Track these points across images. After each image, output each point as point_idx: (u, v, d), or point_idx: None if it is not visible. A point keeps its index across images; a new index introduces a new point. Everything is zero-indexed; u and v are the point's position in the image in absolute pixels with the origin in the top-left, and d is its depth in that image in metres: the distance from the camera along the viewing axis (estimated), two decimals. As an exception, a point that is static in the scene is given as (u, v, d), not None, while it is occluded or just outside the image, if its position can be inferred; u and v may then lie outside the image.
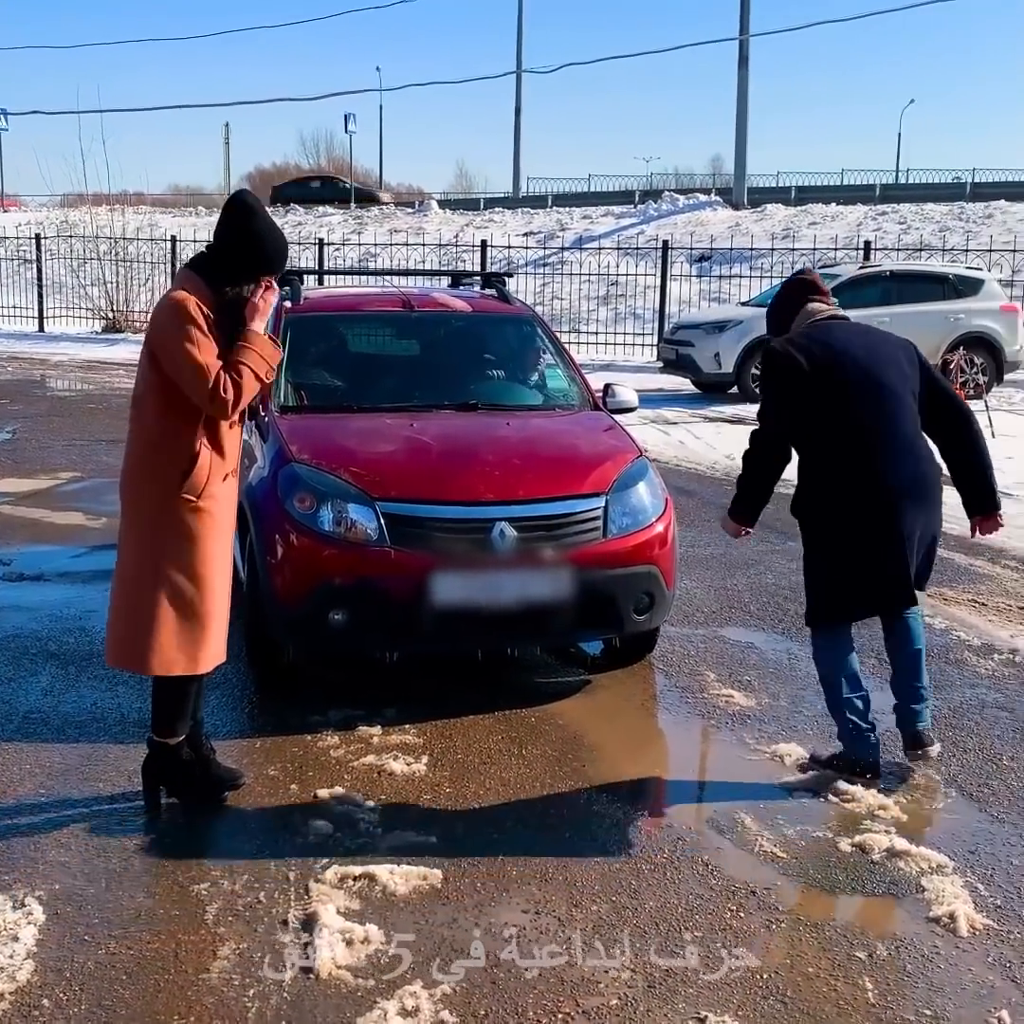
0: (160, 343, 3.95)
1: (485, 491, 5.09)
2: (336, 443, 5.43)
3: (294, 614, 5.01)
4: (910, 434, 4.43)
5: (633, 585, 5.17)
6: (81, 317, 24.95)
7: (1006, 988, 3.26)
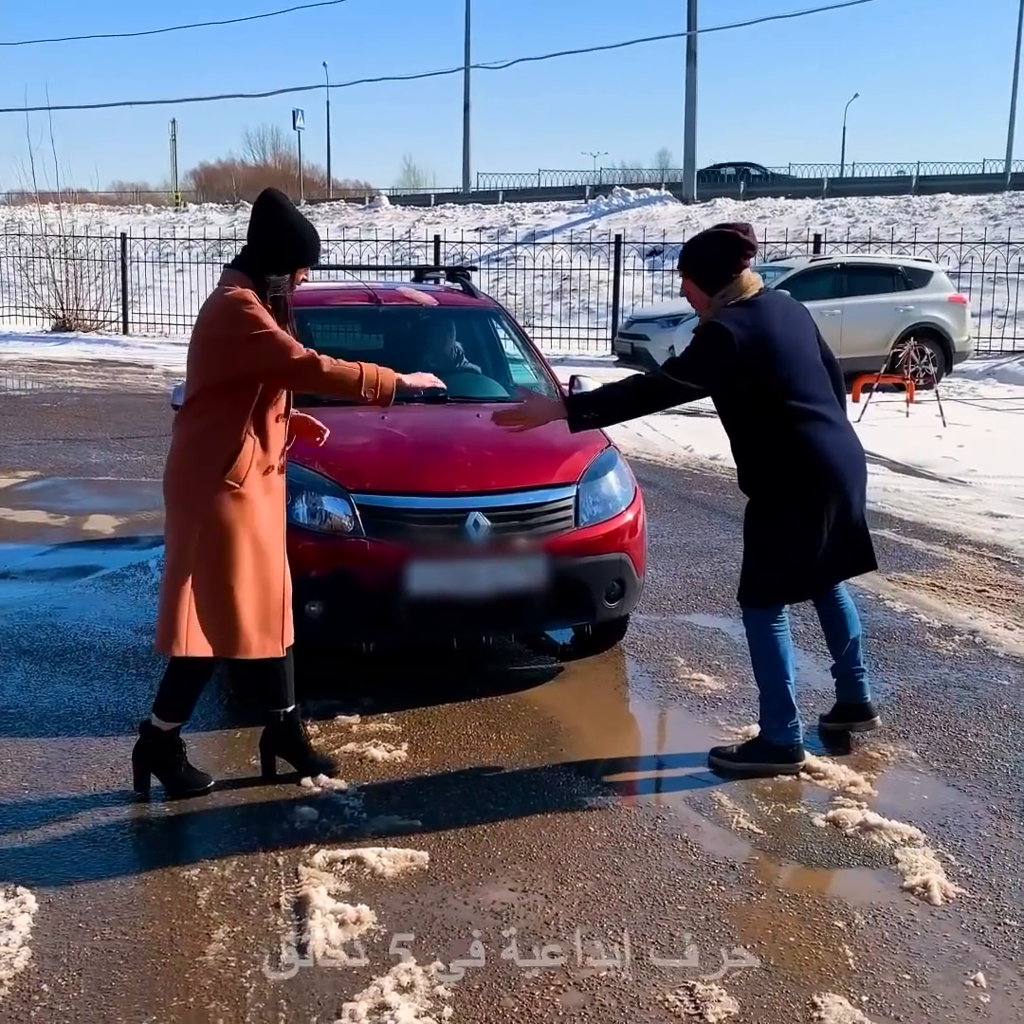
0: (227, 334, 3.99)
1: (459, 482, 5.16)
2: None
3: None
4: (835, 401, 4.57)
5: (604, 573, 5.26)
6: (31, 316, 24.71)
7: (980, 952, 3.37)
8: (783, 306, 4.58)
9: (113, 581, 7.06)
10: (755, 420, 4.46)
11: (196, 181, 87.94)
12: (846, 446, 4.51)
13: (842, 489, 4.43)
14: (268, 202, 4.17)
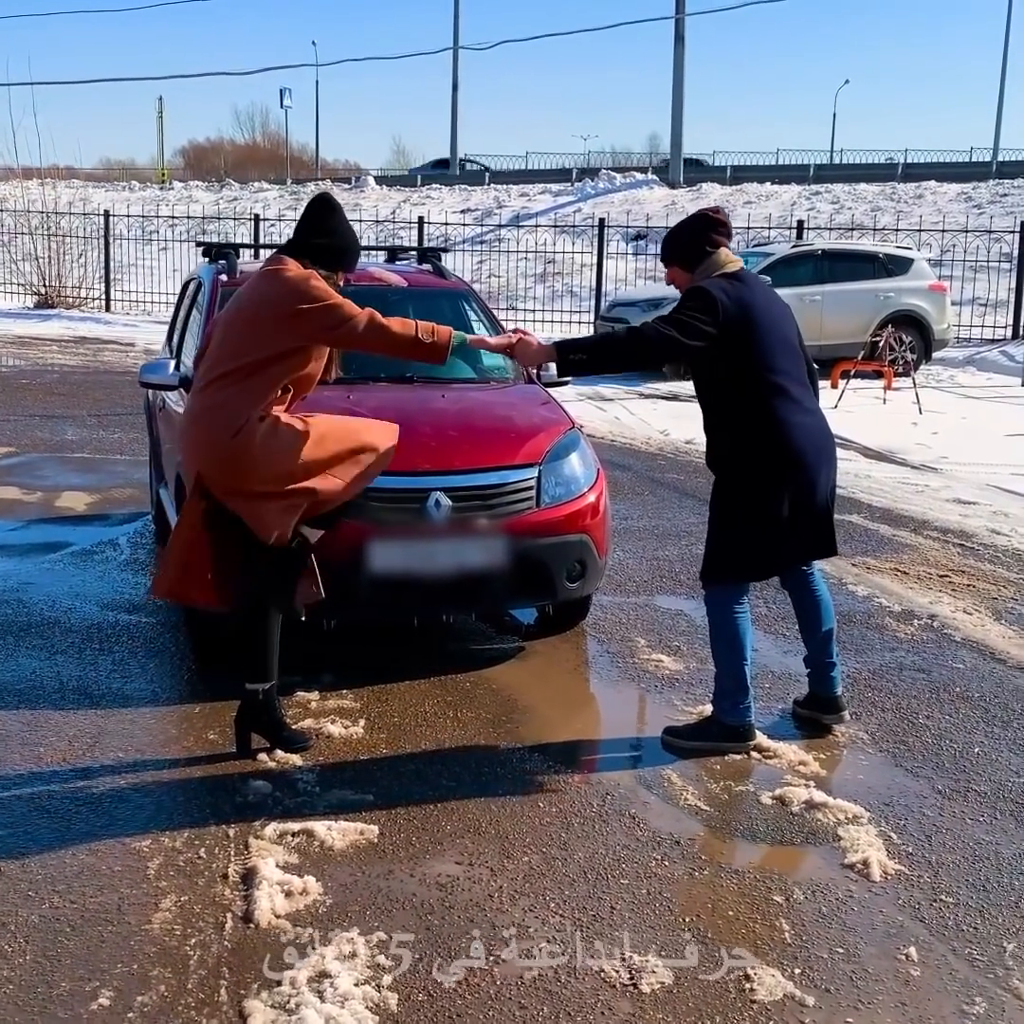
0: (300, 305, 4.18)
1: (421, 462, 5.19)
2: None
3: None
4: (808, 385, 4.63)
5: (565, 553, 5.30)
6: (13, 292, 24.61)
7: (914, 927, 3.44)
8: (764, 286, 4.66)
9: (82, 557, 7.09)
10: (729, 392, 4.49)
11: (185, 159, 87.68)
12: (815, 430, 4.55)
13: (807, 471, 4.47)
14: (325, 205, 4.47)
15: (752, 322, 4.40)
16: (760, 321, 4.43)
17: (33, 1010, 3.00)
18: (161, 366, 6.29)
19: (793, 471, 4.45)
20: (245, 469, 4.21)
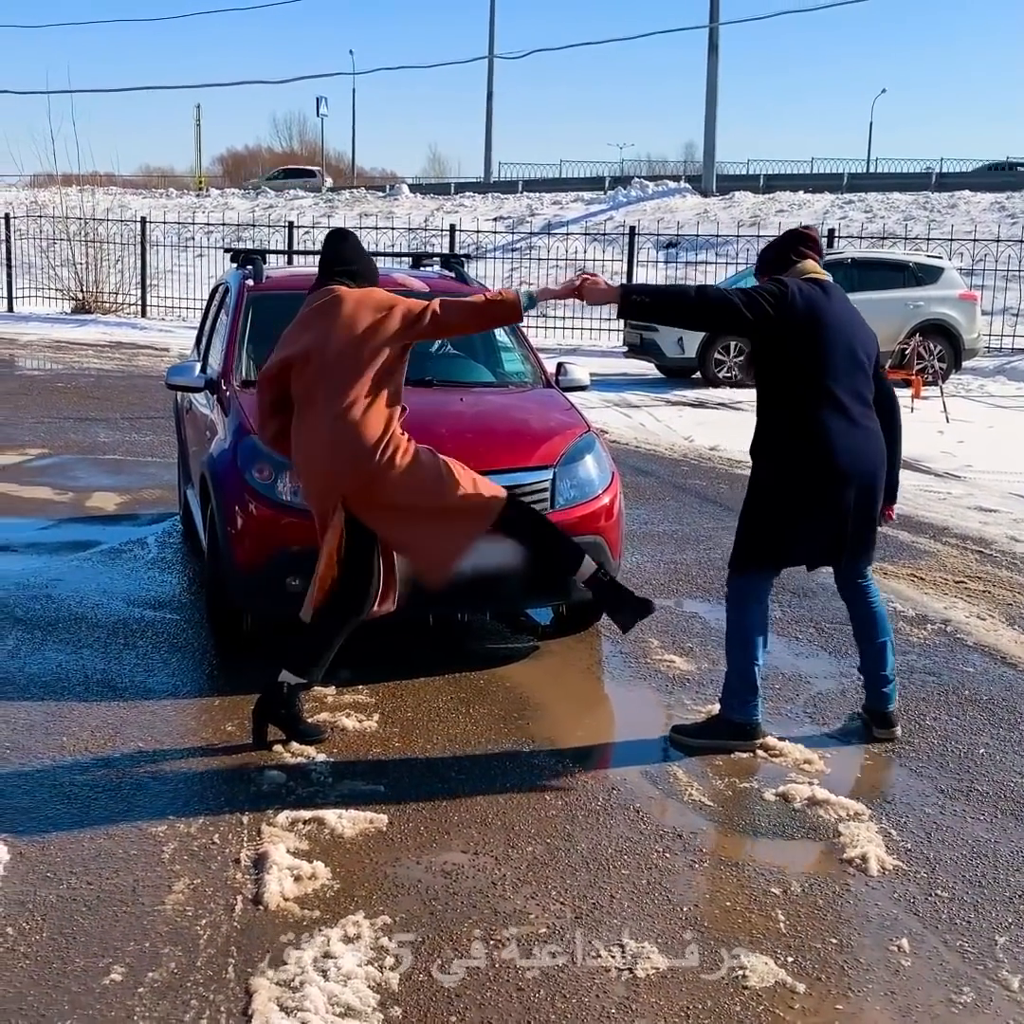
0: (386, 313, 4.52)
1: None
2: None
3: (252, 579, 5.21)
4: (869, 404, 4.65)
5: None
6: (51, 298, 24.99)
7: (908, 920, 3.51)
8: (845, 300, 4.68)
9: (111, 556, 7.24)
10: (780, 385, 4.53)
11: (223, 166, 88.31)
12: (857, 443, 4.54)
13: (836, 479, 4.48)
14: (339, 238, 4.93)
15: (818, 324, 4.46)
16: (826, 326, 4.47)
17: (48, 984, 3.11)
18: (187, 368, 6.43)
19: (822, 475, 4.48)
20: (395, 485, 4.44)
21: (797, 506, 4.53)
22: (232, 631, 5.53)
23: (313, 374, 4.54)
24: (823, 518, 4.55)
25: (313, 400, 4.54)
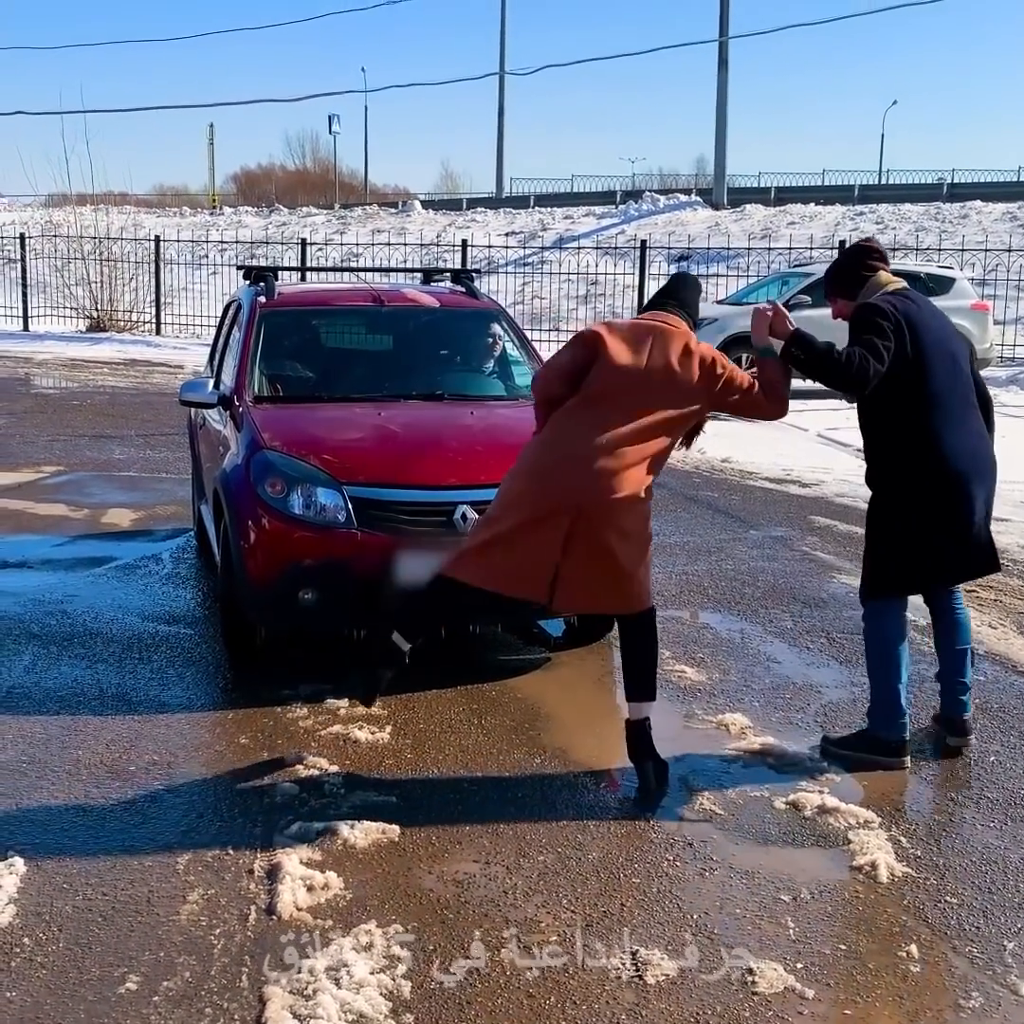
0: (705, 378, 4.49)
1: (448, 476, 5.34)
2: (306, 431, 5.69)
3: (265, 593, 5.26)
4: (975, 405, 4.63)
5: None
6: (66, 316, 25.12)
7: (917, 927, 3.52)
8: (930, 304, 4.69)
9: (126, 571, 7.29)
10: (888, 404, 4.50)
11: (236, 184, 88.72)
12: (972, 449, 4.54)
13: (959, 488, 4.47)
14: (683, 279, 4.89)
15: (920, 337, 4.45)
16: (925, 336, 4.47)
17: (65, 993, 3.15)
18: (201, 385, 6.51)
19: (945, 487, 4.46)
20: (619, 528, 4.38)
21: (928, 520, 4.48)
22: (246, 645, 5.57)
23: (620, 389, 4.43)
24: (954, 526, 4.50)
25: (604, 411, 4.45)
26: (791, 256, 22.67)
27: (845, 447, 12.35)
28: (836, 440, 12.83)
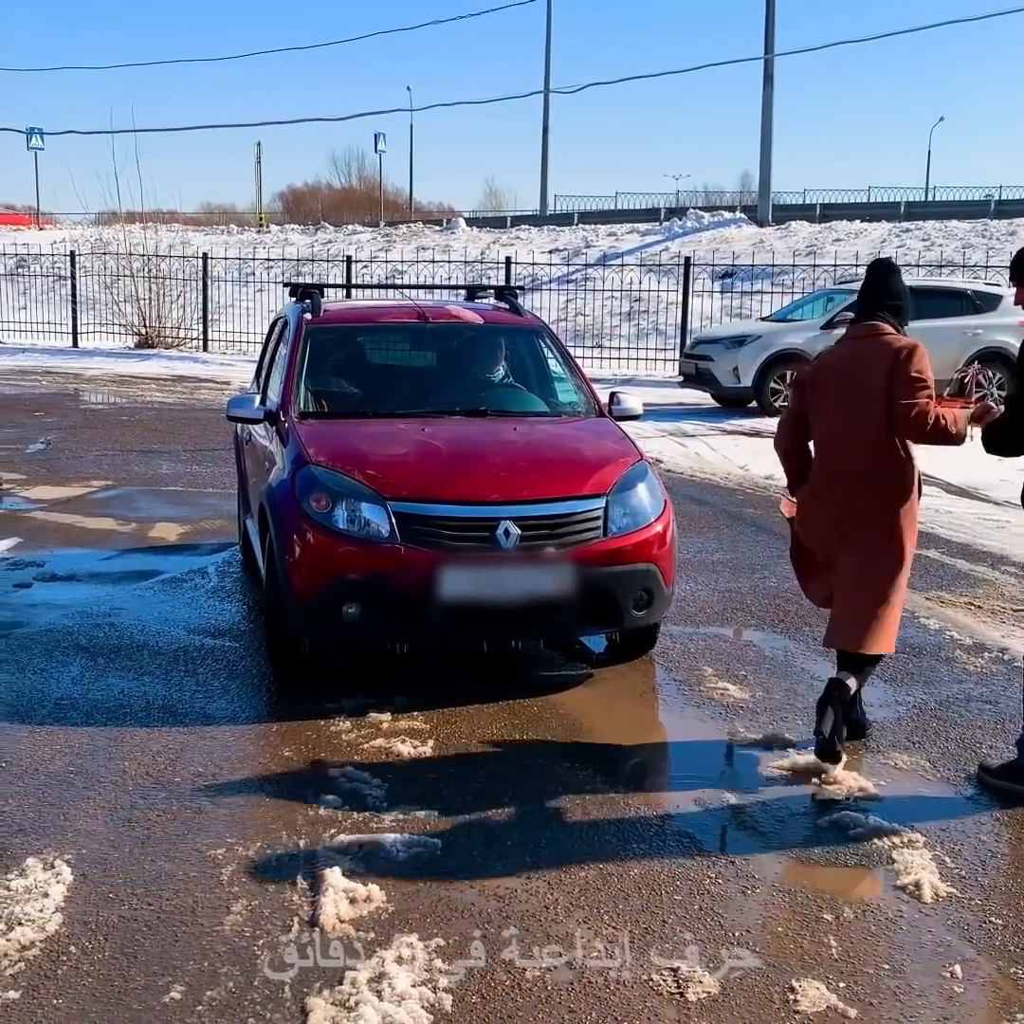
0: (917, 377, 4.63)
1: (491, 491, 5.36)
2: (351, 446, 5.73)
3: (310, 607, 5.30)
4: None
5: (632, 582, 5.42)
6: (114, 333, 25.42)
7: (962, 947, 3.50)
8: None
9: (172, 585, 7.36)
10: None
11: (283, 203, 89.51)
12: None
13: None
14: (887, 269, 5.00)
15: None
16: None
17: (110, 1001, 3.19)
18: (247, 401, 6.58)
19: None
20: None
21: None
22: (290, 658, 5.62)
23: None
24: None
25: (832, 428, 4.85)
26: (836, 273, 22.57)
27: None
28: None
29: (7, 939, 3.44)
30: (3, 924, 3.52)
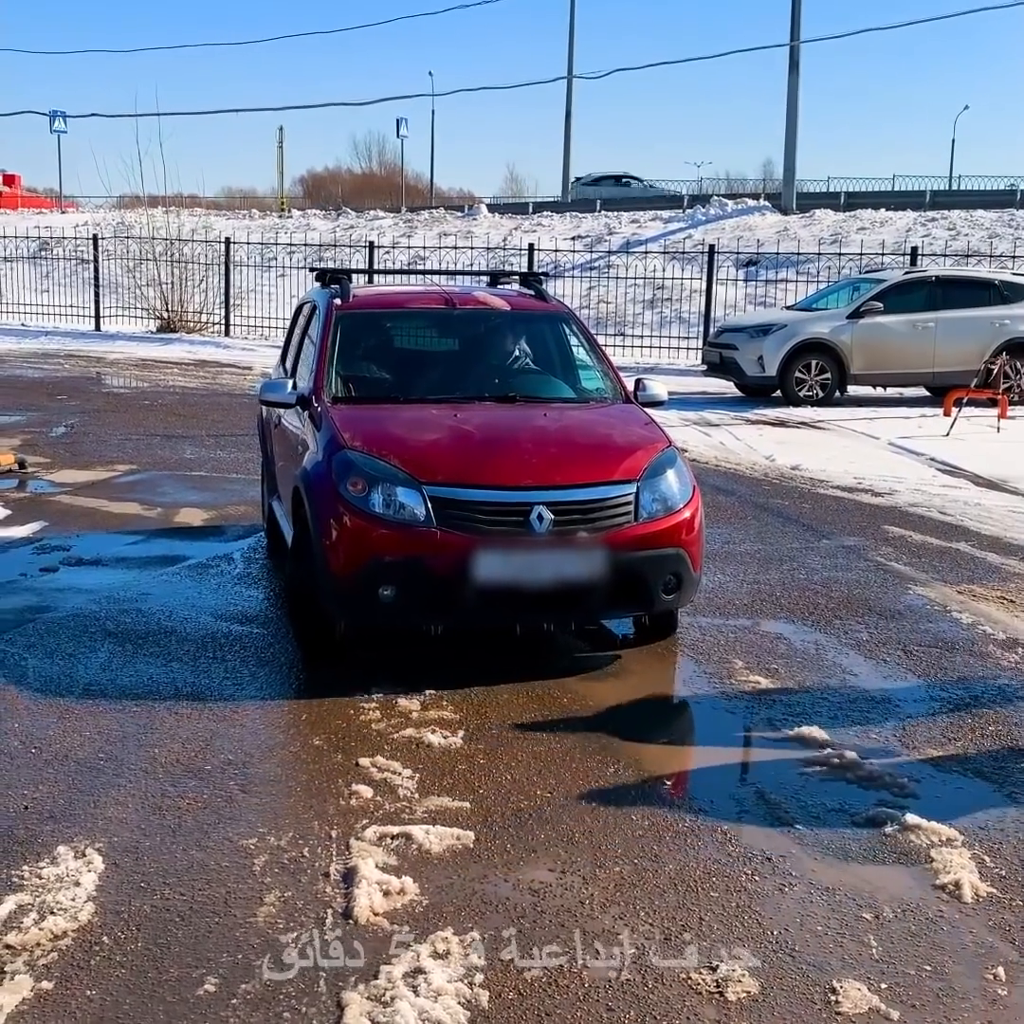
0: None
1: (524, 477, 5.41)
2: (386, 431, 5.76)
3: (346, 589, 5.35)
4: None
5: (661, 566, 5.48)
6: (136, 317, 25.44)
7: (1004, 948, 3.44)
8: None
9: (198, 570, 7.34)
10: None
11: (303, 187, 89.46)
12: None
13: None
14: None
15: None
16: None
17: (144, 993, 3.16)
18: (280, 385, 6.58)
19: None
20: None
21: None
22: (320, 641, 5.63)
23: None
24: None
25: None
26: (861, 262, 22.42)
27: (918, 456, 12.18)
28: (908, 449, 12.64)
29: (40, 928, 3.42)
30: (35, 913, 3.50)
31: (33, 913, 3.50)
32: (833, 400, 16.06)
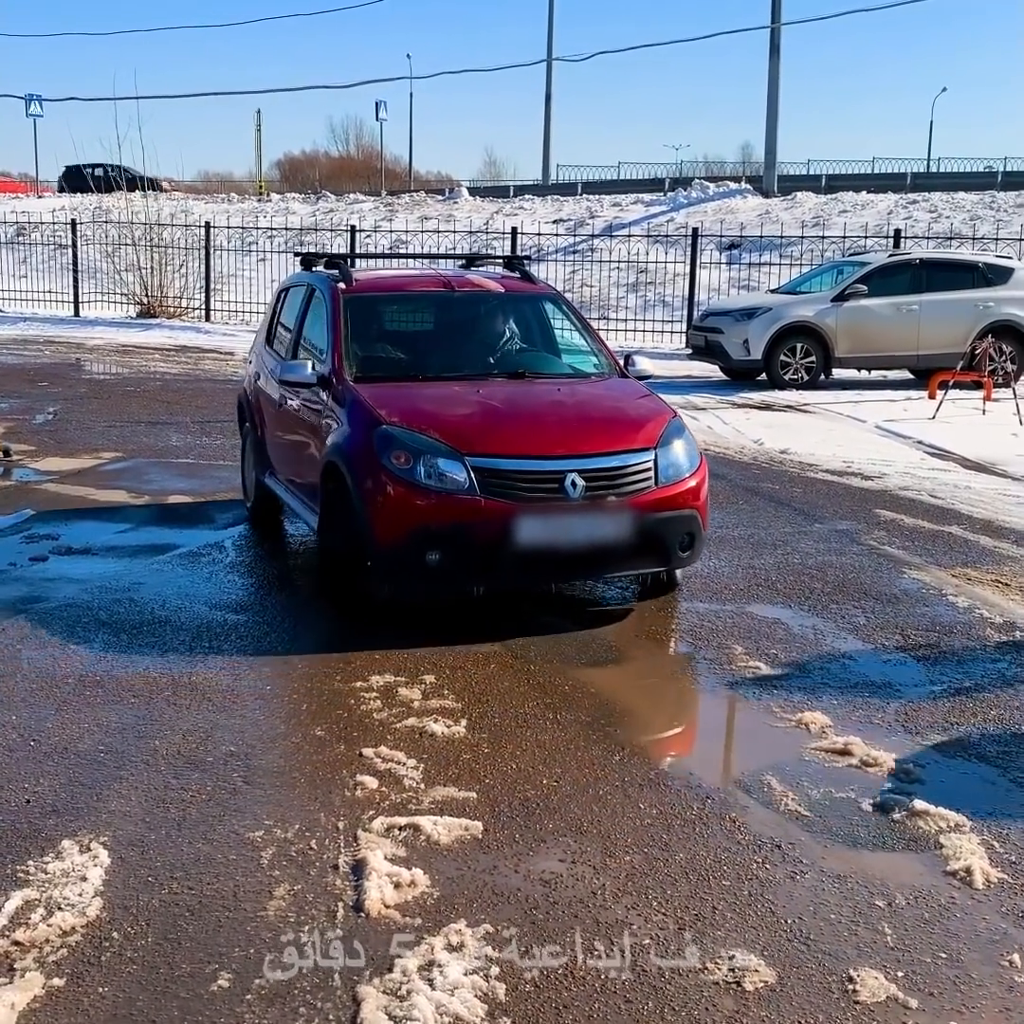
0: None
1: (557, 447, 5.82)
2: (419, 407, 6.08)
3: (394, 556, 5.71)
4: None
5: (679, 526, 6.01)
6: (116, 302, 25.23)
7: (1018, 935, 3.44)
8: None
9: (190, 559, 7.29)
10: None
11: (280, 171, 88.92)
12: None
13: None
14: None
15: None
16: None
17: (157, 990, 3.12)
18: (300, 367, 6.78)
19: None
20: None
21: None
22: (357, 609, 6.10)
23: None
24: None
25: None
26: (844, 245, 22.42)
27: (905, 439, 12.19)
28: (895, 432, 12.65)
29: (48, 924, 3.38)
30: (43, 909, 3.46)
31: (40, 909, 3.46)
32: (818, 383, 16.06)
